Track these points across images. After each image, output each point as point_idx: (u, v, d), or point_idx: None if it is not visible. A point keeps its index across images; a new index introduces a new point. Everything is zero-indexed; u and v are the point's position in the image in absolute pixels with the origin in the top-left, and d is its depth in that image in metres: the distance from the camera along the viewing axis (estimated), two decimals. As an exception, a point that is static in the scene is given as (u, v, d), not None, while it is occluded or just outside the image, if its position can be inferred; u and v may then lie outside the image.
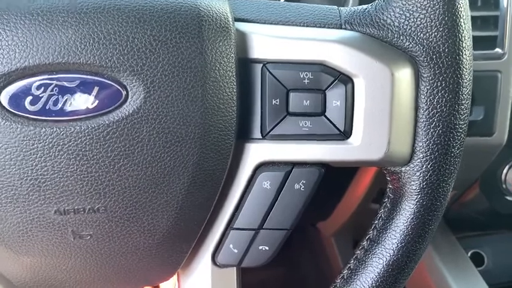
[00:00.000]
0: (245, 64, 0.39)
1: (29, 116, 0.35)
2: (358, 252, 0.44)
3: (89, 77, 0.35)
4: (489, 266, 1.00)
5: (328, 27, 0.41)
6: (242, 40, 0.39)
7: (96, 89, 0.35)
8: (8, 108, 0.35)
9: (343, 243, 1.13)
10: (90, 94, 0.35)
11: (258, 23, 0.41)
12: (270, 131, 0.40)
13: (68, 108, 0.35)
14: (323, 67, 0.39)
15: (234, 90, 0.38)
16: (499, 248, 1.02)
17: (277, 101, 0.39)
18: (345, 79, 0.39)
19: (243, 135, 0.40)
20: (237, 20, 0.40)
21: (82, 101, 0.35)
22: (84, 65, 0.35)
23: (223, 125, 0.38)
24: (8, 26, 0.34)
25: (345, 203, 0.95)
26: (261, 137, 0.40)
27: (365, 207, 0.94)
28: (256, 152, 0.40)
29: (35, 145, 0.35)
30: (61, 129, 0.35)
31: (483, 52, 0.70)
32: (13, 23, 0.34)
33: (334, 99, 0.39)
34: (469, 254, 1.00)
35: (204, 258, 0.43)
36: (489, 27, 0.70)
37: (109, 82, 0.35)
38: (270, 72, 0.39)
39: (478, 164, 0.77)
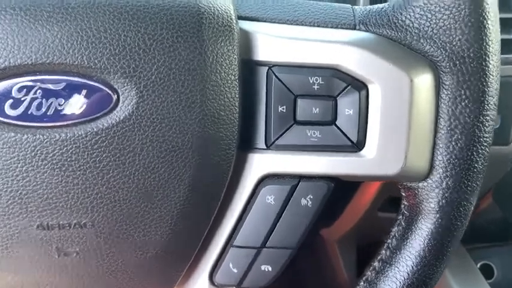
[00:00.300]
0: (249, 67, 0.36)
1: (9, 121, 0.32)
2: (369, 273, 0.40)
3: (76, 79, 0.32)
4: (499, 278, 0.96)
5: (341, 28, 0.37)
6: (246, 40, 0.36)
7: (83, 92, 0.32)
8: None
9: (346, 249, 1.11)
10: (75, 97, 0.32)
11: (263, 21, 0.37)
12: (275, 141, 0.36)
13: (52, 113, 0.32)
14: (335, 72, 0.36)
15: (237, 96, 0.35)
16: (509, 259, 0.98)
17: (283, 108, 0.36)
18: (358, 85, 0.36)
19: (246, 144, 0.37)
20: (240, 18, 0.37)
21: (68, 106, 0.32)
22: (71, 65, 0.31)
23: (224, 133, 0.34)
24: None
25: (350, 210, 0.92)
26: (265, 147, 0.37)
27: (371, 215, 0.90)
28: (260, 164, 0.37)
29: (16, 153, 0.32)
30: (45, 137, 0.32)
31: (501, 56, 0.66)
32: None
33: (347, 107, 0.36)
34: (479, 265, 0.96)
35: (201, 277, 0.40)
36: (508, 30, 0.67)
37: (98, 85, 0.32)
38: (276, 76, 0.36)
39: (493, 174, 0.73)
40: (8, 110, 0.32)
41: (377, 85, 0.35)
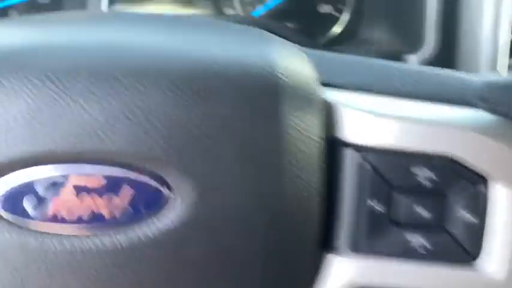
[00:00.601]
0: (334, 149, 0.28)
1: (31, 225, 0.25)
2: None
3: (117, 171, 0.25)
4: None
5: (455, 105, 0.29)
6: (330, 115, 0.28)
7: (126, 189, 0.25)
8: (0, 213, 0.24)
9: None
10: (117, 196, 0.25)
11: (352, 90, 0.30)
12: (364, 244, 0.29)
13: (86, 216, 0.25)
14: (446, 162, 0.28)
15: (319, 186, 0.27)
16: None
17: (377, 204, 0.28)
18: (476, 180, 0.28)
19: (326, 244, 0.29)
20: (323, 85, 0.29)
21: (105, 205, 0.25)
22: (113, 154, 0.24)
23: (302, 234, 0.27)
24: (5, 95, 0.24)
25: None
26: (351, 251, 0.29)
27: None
28: (343, 271, 0.29)
29: (38, 265, 0.25)
30: (75, 245, 0.25)
31: None
32: (13, 90, 0.24)
33: (461, 207, 0.28)
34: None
35: None
36: None
37: (146, 179, 0.25)
38: (369, 162, 0.28)
39: None
40: (29, 210, 0.24)
41: (501, 182, 0.28)
